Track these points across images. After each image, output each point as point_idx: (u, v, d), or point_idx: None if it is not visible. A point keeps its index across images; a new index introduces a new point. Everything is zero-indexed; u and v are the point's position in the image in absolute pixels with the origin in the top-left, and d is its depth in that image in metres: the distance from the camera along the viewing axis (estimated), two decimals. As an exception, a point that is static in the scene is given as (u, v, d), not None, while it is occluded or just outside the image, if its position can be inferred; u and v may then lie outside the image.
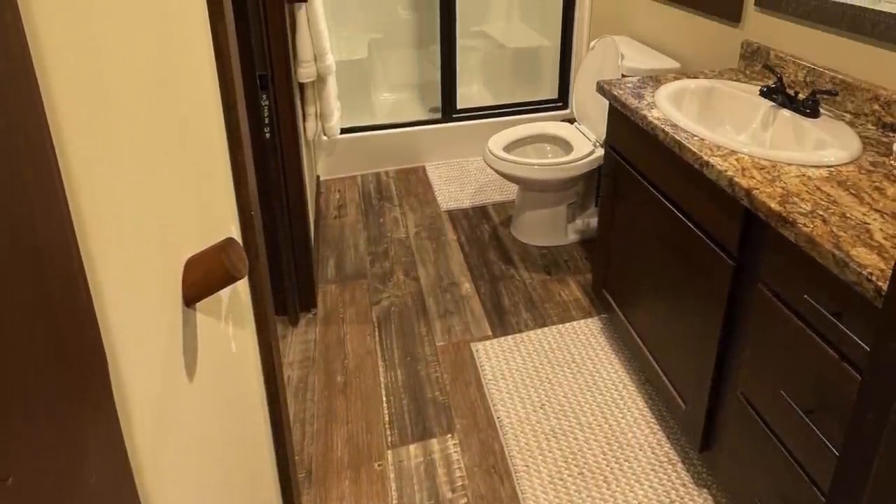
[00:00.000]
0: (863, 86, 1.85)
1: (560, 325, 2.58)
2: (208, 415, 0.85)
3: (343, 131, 3.71)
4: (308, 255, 2.59)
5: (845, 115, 1.91)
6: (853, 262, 1.19)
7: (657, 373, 2.05)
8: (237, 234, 1.11)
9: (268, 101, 2.19)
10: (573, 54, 3.98)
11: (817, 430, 1.34)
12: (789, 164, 1.60)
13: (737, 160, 1.63)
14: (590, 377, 2.30)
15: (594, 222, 3.16)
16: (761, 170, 1.58)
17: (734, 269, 1.60)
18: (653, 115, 1.93)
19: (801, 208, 1.39)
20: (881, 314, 0.68)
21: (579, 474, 1.94)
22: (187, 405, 0.76)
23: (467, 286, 2.83)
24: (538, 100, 4.15)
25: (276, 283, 2.45)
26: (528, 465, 1.97)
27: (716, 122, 2.10)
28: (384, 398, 2.24)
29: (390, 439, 2.08)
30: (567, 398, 2.21)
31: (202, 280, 0.77)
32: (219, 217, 0.98)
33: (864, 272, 1.16)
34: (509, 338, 2.51)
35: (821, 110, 1.88)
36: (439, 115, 3.99)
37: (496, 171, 2.93)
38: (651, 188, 1.98)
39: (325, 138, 3.69)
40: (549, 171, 2.84)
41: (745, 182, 1.51)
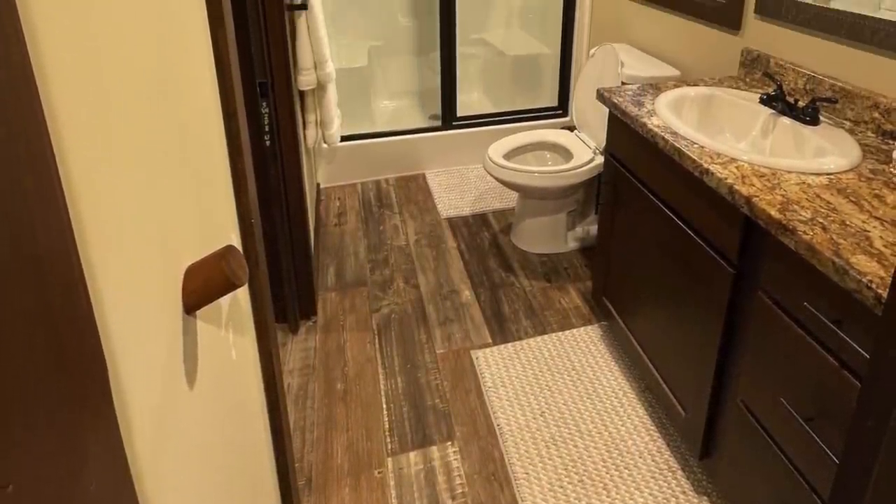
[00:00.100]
0: (862, 93, 1.86)
1: (560, 333, 2.58)
2: (208, 422, 0.85)
3: (343, 139, 3.72)
4: (308, 263, 2.59)
5: (845, 122, 1.91)
6: (853, 269, 1.19)
7: (657, 380, 2.05)
8: (237, 242, 1.11)
9: (268, 109, 2.19)
10: (573, 62, 3.99)
11: (817, 438, 1.33)
12: (789, 172, 1.61)
13: (737, 168, 1.63)
14: (590, 385, 2.30)
15: (594, 230, 3.16)
16: (761, 177, 1.58)
17: (734, 277, 1.60)
18: (653, 123, 1.93)
19: (801, 216, 1.39)
20: (881, 322, 0.68)
21: (579, 482, 1.94)
22: (187, 413, 0.76)
23: (467, 294, 2.83)
24: (538, 107, 4.16)
25: (277, 291, 2.45)
26: (528, 473, 1.97)
27: (716, 130, 2.11)
28: (384, 405, 2.24)
29: (390, 447, 2.08)
30: (567, 406, 2.21)
31: (202, 288, 0.77)
32: (219, 225, 0.99)
33: (863, 280, 1.17)
34: (509, 345, 2.51)
35: (821, 118, 1.89)
36: (439, 123, 3.99)
37: (496, 179, 2.93)
38: (651, 196, 1.99)
39: (325, 146, 3.69)
40: (549, 178, 2.84)
41: (745, 190, 1.52)
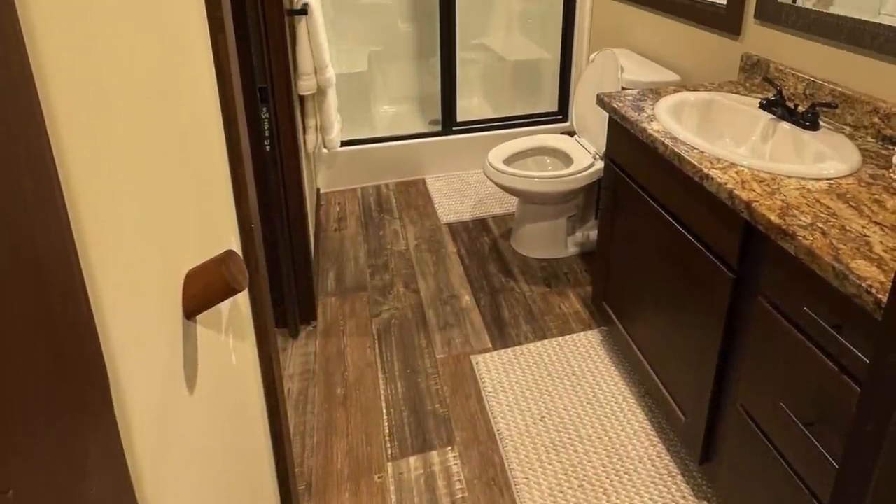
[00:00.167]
0: (862, 98, 1.86)
1: (560, 338, 2.57)
2: (209, 427, 0.85)
3: (343, 144, 3.72)
4: (308, 268, 2.59)
5: (845, 127, 1.92)
6: (853, 274, 1.19)
7: (657, 385, 2.05)
8: (237, 247, 1.12)
9: (268, 114, 2.19)
10: (573, 67, 3.99)
11: (817, 443, 1.33)
12: (789, 177, 1.61)
13: (736, 173, 1.63)
14: (590, 390, 2.30)
15: (594, 235, 3.16)
16: (761, 182, 1.58)
17: (734, 282, 1.60)
18: (652, 128, 1.93)
19: (800, 221, 1.39)
20: (881, 326, 0.68)
21: (579, 487, 1.93)
22: (188, 418, 0.76)
23: (467, 298, 2.83)
24: (538, 112, 4.16)
25: (277, 296, 2.45)
26: (528, 478, 1.96)
27: (715, 135, 2.11)
28: (384, 410, 2.24)
29: (390, 451, 2.08)
30: (567, 411, 2.21)
31: (202, 293, 0.77)
32: (219, 229, 0.99)
33: (863, 284, 1.17)
34: (509, 350, 2.51)
35: (820, 123, 1.89)
36: (439, 128, 4.00)
37: (496, 184, 2.93)
38: (651, 201, 1.99)
39: (325, 151, 3.70)
40: (549, 183, 2.85)
41: (744, 195, 1.52)
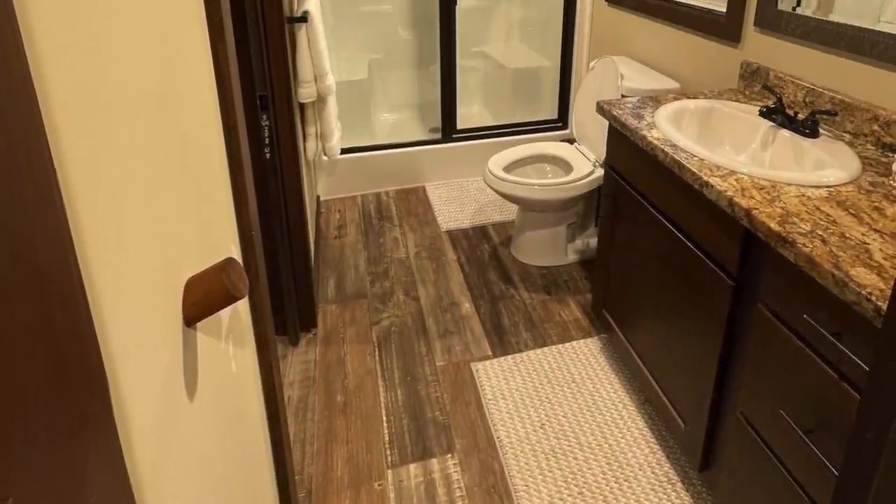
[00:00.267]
0: (862, 106, 1.86)
1: (560, 345, 2.57)
2: (209, 435, 0.85)
3: (343, 151, 3.73)
4: (308, 275, 2.60)
5: (845, 135, 1.92)
6: (852, 281, 1.19)
7: (657, 393, 2.05)
8: (237, 254, 1.12)
9: (268, 122, 2.20)
10: (573, 74, 4.00)
11: (817, 450, 1.33)
12: (789, 185, 1.61)
13: (736, 180, 1.63)
14: (589, 397, 2.30)
15: (594, 242, 3.16)
16: (761, 190, 1.58)
17: (734, 289, 1.60)
18: (652, 136, 1.93)
19: (800, 228, 1.39)
20: (881, 334, 0.68)
21: (579, 494, 1.93)
22: (188, 425, 0.76)
23: (467, 306, 2.83)
24: (538, 120, 4.17)
25: (277, 303, 2.45)
26: (528, 485, 1.96)
27: (715, 143, 2.11)
28: (384, 418, 2.24)
29: (390, 459, 2.07)
30: (567, 418, 2.21)
31: (203, 300, 0.77)
32: (219, 237, 0.99)
33: (863, 292, 1.17)
34: (509, 357, 2.51)
35: (820, 130, 1.89)
36: (439, 136, 4.00)
37: (496, 192, 2.93)
38: (651, 208, 1.99)
39: (325, 158, 3.70)
40: (549, 191, 2.85)
41: (744, 202, 1.52)
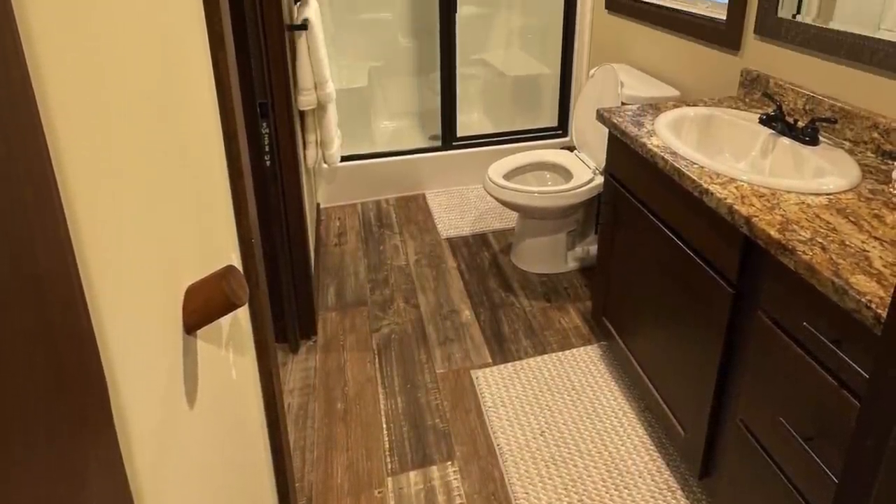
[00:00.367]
0: (862, 113, 1.87)
1: (560, 353, 2.57)
2: (209, 442, 0.85)
3: (343, 159, 3.73)
4: (308, 283, 2.60)
5: (844, 142, 1.92)
6: (852, 289, 1.19)
7: (657, 400, 2.04)
8: (237, 262, 1.12)
9: (268, 129, 2.20)
10: (573, 82, 4.01)
11: (817, 458, 1.33)
12: (788, 192, 1.61)
13: (736, 188, 1.64)
14: (589, 404, 2.29)
15: (594, 250, 3.16)
16: (761, 197, 1.58)
17: (734, 297, 1.60)
18: (652, 143, 1.94)
19: (800, 236, 1.39)
20: (880, 341, 0.68)
21: (579, 501, 1.92)
22: (188, 432, 0.76)
23: (467, 313, 2.83)
24: (538, 127, 4.18)
25: (277, 311, 2.45)
26: (528, 493, 1.96)
27: (715, 150, 2.11)
28: (384, 425, 2.23)
29: (390, 466, 2.07)
30: (567, 425, 2.20)
31: (203, 307, 0.77)
32: (219, 244, 0.99)
33: (863, 299, 1.17)
34: (509, 365, 2.50)
35: (820, 138, 1.90)
36: (439, 143, 4.01)
37: (496, 199, 2.94)
38: (651, 216, 1.99)
39: (325, 166, 3.71)
40: (549, 198, 2.85)
41: (744, 210, 1.52)
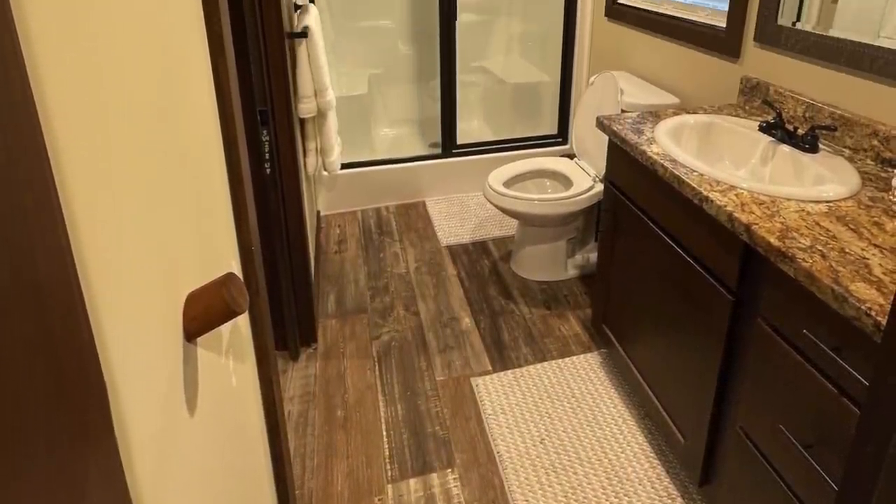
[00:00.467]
0: (862, 121, 1.87)
1: (560, 360, 2.57)
2: (209, 449, 0.85)
3: (343, 166, 3.74)
4: (308, 290, 2.59)
5: (844, 150, 1.93)
6: (852, 297, 1.19)
7: (657, 407, 2.04)
8: (238, 269, 1.12)
9: (268, 137, 2.21)
10: (573, 90, 4.02)
11: (816, 465, 1.33)
12: (788, 200, 1.61)
13: (736, 195, 1.64)
14: (589, 412, 2.29)
15: (594, 257, 3.16)
16: (760, 205, 1.58)
17: (733, 304, 1.60)
18: (652, 151, 1.94)
19: (800, 243, 1.39)
20: (880, 349, 0.68)
21: (580, 511, 1.92)
22: (188, 440, 0.75)
23: (467, 321, 2.83)
24: (538, 135, 4.18)
25: (277, 318, 2.45)
26: (528, 500, 1.95)
27: (715, 158, 2.12)
28: (384, 432, 2.23)
29: (390, 474, 2.06)
30: (567, 433, 2.20)
31: (203, 315, 0.77)
32: (219, 252, 0.99)
33: (863, 307, 1.17)
34: (509, 372, 2.50)
35: (820, 145, 1.90)
36: (439, 151, 4.01)
37: (496, 207, 2.94)
38: (650, 223, 1.99)
39: (325, 173, 3.71)
40: (549, 206, 2.85)
41: (744, 217, 1.52)
